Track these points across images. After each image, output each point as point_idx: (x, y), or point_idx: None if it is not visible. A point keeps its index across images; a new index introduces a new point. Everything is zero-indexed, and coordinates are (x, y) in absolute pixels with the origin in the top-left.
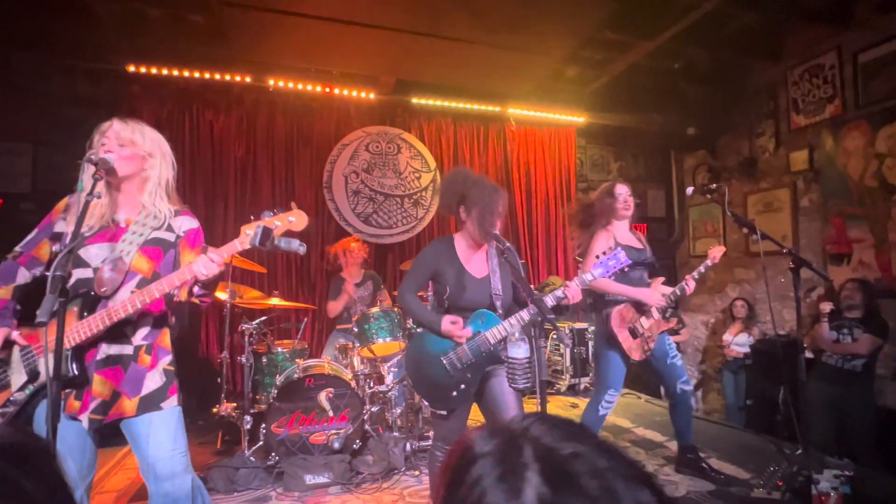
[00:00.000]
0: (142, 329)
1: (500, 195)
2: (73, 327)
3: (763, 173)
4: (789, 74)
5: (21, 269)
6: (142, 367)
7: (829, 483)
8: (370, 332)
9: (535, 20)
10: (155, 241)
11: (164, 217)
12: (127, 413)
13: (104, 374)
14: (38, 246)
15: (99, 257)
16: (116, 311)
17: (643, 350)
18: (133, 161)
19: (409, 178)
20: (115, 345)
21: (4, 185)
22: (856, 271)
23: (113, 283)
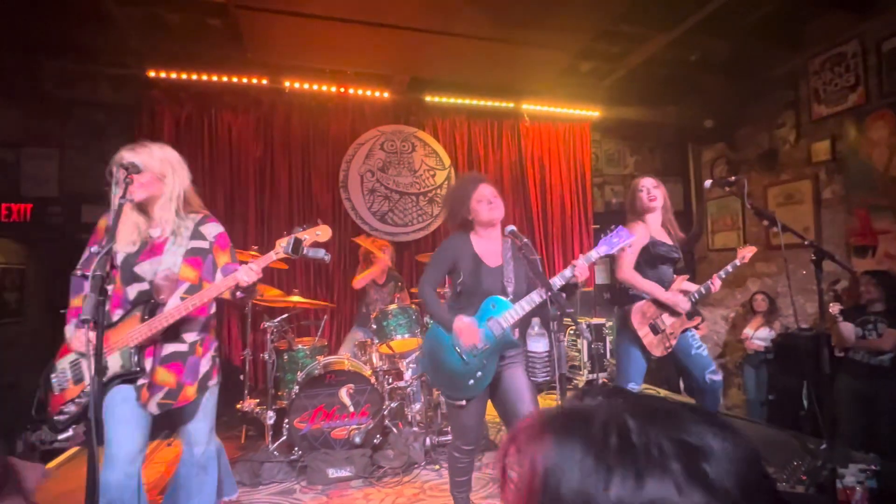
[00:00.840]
0: (194, 328)
1: (474, 183)
2: (136, 329)
3: (783, 165)
4: (810, 64)
5: (85, 283)
6: (196, 357)
7: (854, 477)
8: (388, 328)
9: (550, 15)
10: (194, 251)
11: (191, 225)
12: (191, 398)
13: (168, 367)
14: (92, 264)
15: (151, 272)
16: (171, 314)
17: (664, 347)
18: (151, 185)
19: (424, 175)
20: (174, 343)
21: (33, 190)
22: (881, 263)
23: (169, 290)
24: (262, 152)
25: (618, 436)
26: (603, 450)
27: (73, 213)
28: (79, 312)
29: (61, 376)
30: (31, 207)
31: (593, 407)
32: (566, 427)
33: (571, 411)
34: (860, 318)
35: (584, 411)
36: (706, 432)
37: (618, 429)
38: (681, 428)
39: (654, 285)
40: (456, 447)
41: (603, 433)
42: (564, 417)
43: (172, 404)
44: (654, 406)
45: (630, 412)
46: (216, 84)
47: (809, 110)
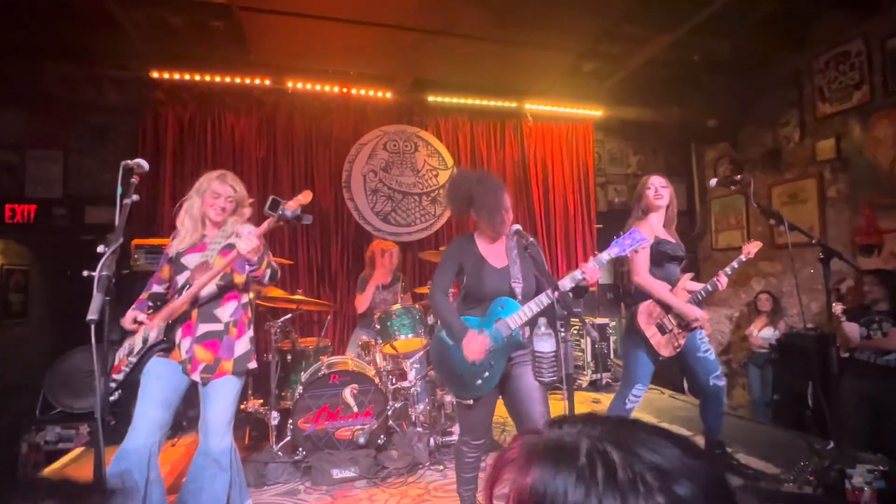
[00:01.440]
0: (226, 310)
1: (503, 191)
2: (169, 305)
3: (788, 164)
4: (814, 62)
5: (153, 285)
6: (231, 337)
7: (862, 478)
8: (392, 328)
9: (552, 16)
10: (228, 246)
11: (232, 229)
12: (227, 372)
13: (204, 346)
14: (162, 269)
15: (193, 262)
16: (192, 291)
17: (673, 346)
18: (233, 207)
19: (426, 175)
20: (209, 324)
21: (37, 192)
22: (887, 262)
23: (202, 275)
24: (265, 153)
25: (604, 468)
26: (591, 482)
27: (77, 215)
28: (139, 302)
29: (123, 349)
30: (35, 209)
31: (576, 437)
32: (554, 460)
33: (557, 443)
34: (865, 318)
35: (570, 444)
36: (680, 457)
37: (603, 461)
38: (659, 455)
39: (665, 292)
40: (465, 442)
41: (590, 465)
42: (551, 450)
43: (211, 378)
44: (632, 434)
45: (611, 442)
46: (219, 85)
47: (814, 109)
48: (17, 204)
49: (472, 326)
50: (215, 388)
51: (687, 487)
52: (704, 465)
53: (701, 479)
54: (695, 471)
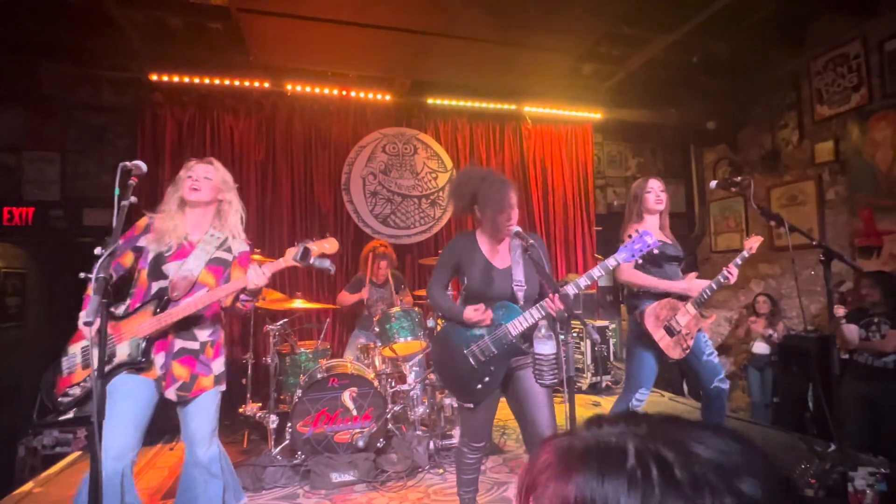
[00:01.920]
0: (205, 329)
1: (510, 189)
2: (147, 321)
3: (786, 166)
4: (812, 64)
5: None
6: (208, 357)
7: (864, 481)
8: (391, 331)
9: (551, 18)
10: (218, 261)
11: (226, 239)
12: (207, 388)
13: (181, 362)
14: (124, 255)
15: (174, 271)
16: (181, 310)
17: (682, 348)
18: (212, 191)
19: (426, 178)
20: (186, 340)
21: (35, 194)
22: (886, 264)
23: (183, 290)
24: (264, 155)
25: (658, 469)
26: (646, 486)
27: (75, 217)
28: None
29: (71, 360)
30: (32, 211)
31: (620, 437)
32: (599, 463)
33: (600, 445)
34: (864, 320)
35: (615, 445)
36: (739, 452)
37: (657, 461)
38: (717, 451)
39: (657, 279)
40: (465, 444)
41: (642, 468)
42: (594, 452)
43: (188, 395)
44: (683, 431)
45: (662, 441)
46: (218, 87)
47: (812, 111)
48: (15, 206)
49: (473, 331)
50: (195, 404)
51: (753, 484)
52: (765, 459)
53: (764, 473)
54: (757, 465)
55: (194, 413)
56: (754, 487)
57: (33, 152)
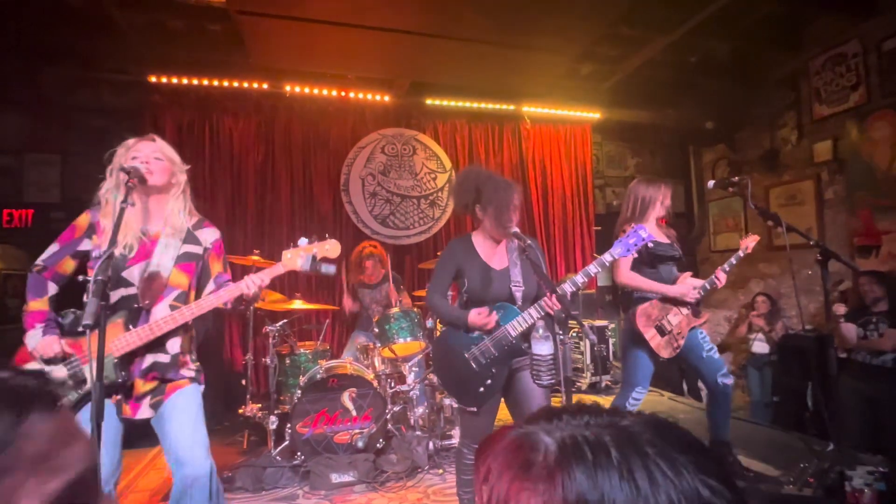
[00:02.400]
0: (175, 340)
1: (514, 189)
2: (119, 338)
3: (785, 166)
4: (811, 64)
5: (49, 283)
6: (181, 369)
7: (862, 479)
8: (391, 332)
9: (550, 18)
10: (187, 256)
11: (187, 228)
12: (182, 385)
13: (149, 379)
14: (62, 262)
15: (139, 276)
16: (160, 325)
17: (672, 348)
18: (165, 173)
19: (425, 179)
20: (155, 353)
21: (35, 196)
22: (885, 263)
23: (154, 295)
24: (263, 156)
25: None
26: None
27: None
28: (42, 316)
29: None
30: (32, 213)
31: (597, 430)
32: (586, 460)
33: (577, 440)
34: (862, 319)
35: (595, 439)
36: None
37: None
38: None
39: (656, 283)
40: (465, 445)
41: (625, 460)
42: (585, 448)
43: (162, 399)
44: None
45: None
46: (217, 89)
47: (811, 110)
48: (16, 208)
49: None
50: (170, 404)
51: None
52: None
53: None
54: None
55: (170, 415)
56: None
57: (34, 154)
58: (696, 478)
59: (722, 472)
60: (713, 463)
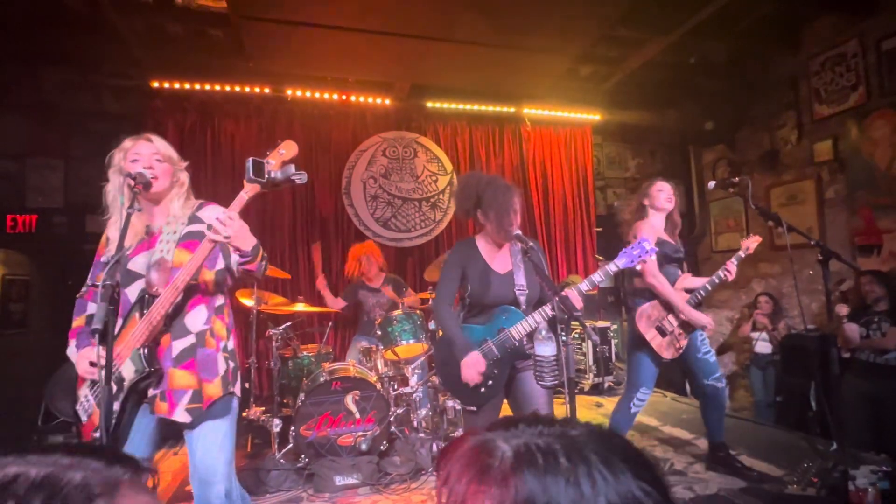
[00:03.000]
0: (197, 317)
1: (514, 193)
2: (137, 328)
3: (785, 165)
4: (810, 64)
5: (88, 303)
6: (210, 349)
7: (866, 479)
8: (393, 334)
9: (549, 20)
10: (190, 235)
11: (188, 213)
12: (215, 395)
13: (184, 368)
14: (96, 280)
15: (145, 265)
16: (165, 299)
17: (675, 348)
18: (168, 175)
19: (426, 181)
20: (181, 339)
21: (38, 201)
22: (886, 262)
23: (162, 280)
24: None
25: (586, 467)
26: (577, 477)
27: (78, 224)
28: (77, 331)
29: (85, 404)
30: (35, 218)
31: (549, 439)
32: (537, 465)
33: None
34: (864, 319)
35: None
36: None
37: (583, 460)
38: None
39: (680, 299)
40: None
41: (574, 468)
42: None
43: (201, 407)
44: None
45: (591, 442)
46: (219, 93)
47: (811, 110)
48: (18, 214)
49: (476, 336)
50: (207, 417)
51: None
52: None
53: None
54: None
55: (202, 434)
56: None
57: (36, 159)
58: (633, 482)
59: (654, 475)
60: (646, 468)
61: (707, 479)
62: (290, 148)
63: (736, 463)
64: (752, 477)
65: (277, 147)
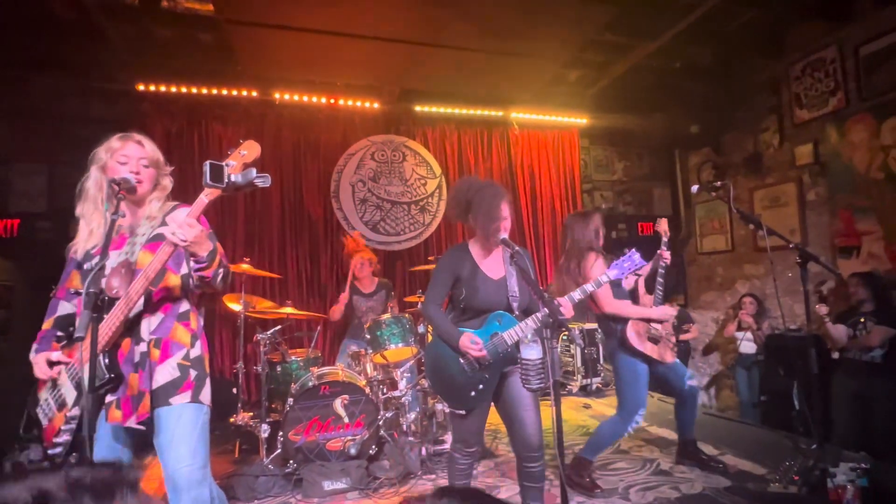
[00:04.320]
0: (150, 324)
1: (503, 199)
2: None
3: (768, 168)
4: (791, 69)
5: (61, 302)
6: (153, 361)
7: (845, 476)
8: (382, 338)
9: (536, 26)
10: (156, 237)
11: (161, 216)
12: (144, 413)
13: (137, 374)
14: (70, 278)
15: (109, 265)
16: (126, 303)
17: (671, 349)
18: (152, 179)
19: (415, 184)
20: (137, 343)
21: (22, 206)
22: (865, 264)
23: (123, 283)
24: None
25: None
26: None
27: (62, 228)
28: (39, 336)
29: (45, 408)
30: (18, 223)
31: None
32: None
33: None
34: (851, 320)
35: None
36: None
37: None
38: None
39: (638, 308)
40: (457, 449)
41: None
42: None
43: (156, 408)
44: None
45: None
46: (206, 97)
47: (792, 115)
48: (1, 218)
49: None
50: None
51: None
52: None
53: None
54: None
55: (164, 427)
56: None
57: (21, 164)
58: None
59: None
60: None
61: (692, 478)
62: (252, 148)
63: (702, 455)
64: (718, 469)
65: (238, 147)
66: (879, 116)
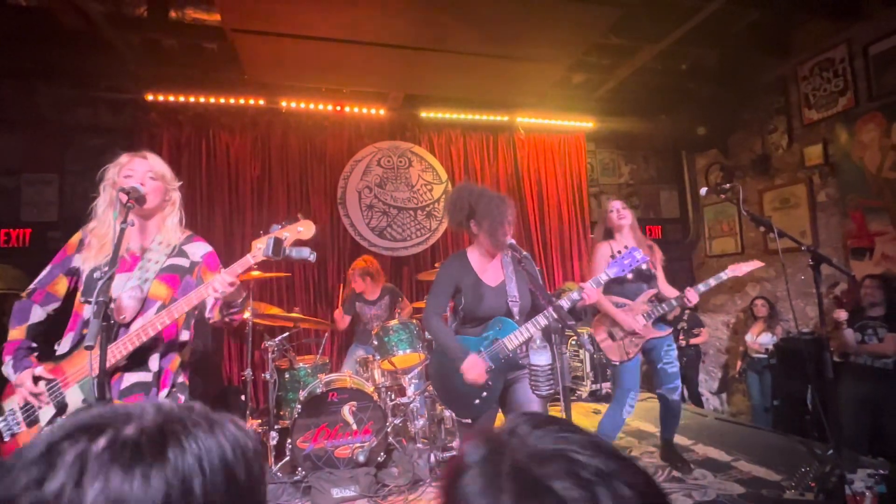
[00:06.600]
0: (159, 355)
1: (507, 205)
2: (95, 355)
3: (777, 170)
4: (799, 69)
5: (35, 307)
6: (164, 389)
7: (863, 482)
8: (390, 344)
9: (541, 30)
10: (171, 268)
11: (176, 244)
12: None
13: (130, 401)
14: (54, 282)
15: (119, 288)
16: (139, 335)
17: (622, 353)
18: (160, 193)
19: (421, 190)
20: (137, 372)
21: (33, 215)
22: (878, 265)
23: (132, 309)
24: (259, 172)
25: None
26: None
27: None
28: (13, 347)
29: (10, 419)
30: (30, 232)
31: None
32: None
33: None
34: (859, 324)
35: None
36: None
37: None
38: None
39: (610, 306)
40: None
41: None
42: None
43: None
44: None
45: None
46: (213, 106)
47: (801, 115)
48: (13, 228)
49: (470, 347)
50: None
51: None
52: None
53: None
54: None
55: None
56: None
57: (31, 174)
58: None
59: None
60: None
61: (706, 485)
62: (309, 228)
63: (683, 455)
64: (689, 471)
65: (296, 223)
66: (890, 116)
